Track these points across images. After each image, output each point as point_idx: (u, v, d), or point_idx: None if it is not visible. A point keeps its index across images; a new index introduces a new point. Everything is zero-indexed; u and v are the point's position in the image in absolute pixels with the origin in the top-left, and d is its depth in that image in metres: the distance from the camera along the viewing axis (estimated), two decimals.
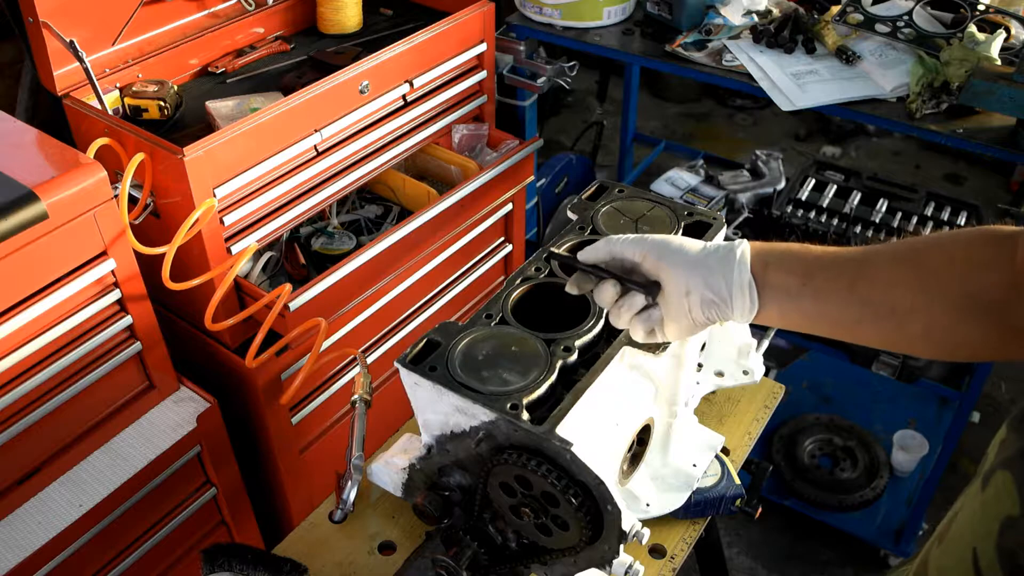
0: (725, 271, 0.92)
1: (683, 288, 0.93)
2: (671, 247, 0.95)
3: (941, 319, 0.85)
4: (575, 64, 2.35)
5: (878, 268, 0.88)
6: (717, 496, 1.28)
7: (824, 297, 0.90)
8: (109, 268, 1.46)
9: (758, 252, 0.93)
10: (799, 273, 0.91)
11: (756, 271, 0.92)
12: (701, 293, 0.93)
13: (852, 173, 2.48)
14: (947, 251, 0.86)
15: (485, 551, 1.08)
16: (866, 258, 0.89)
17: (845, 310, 0.89)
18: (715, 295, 0.92)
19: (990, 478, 0.74)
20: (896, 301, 0.87)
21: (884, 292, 0.87)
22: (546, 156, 3.25)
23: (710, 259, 0.93)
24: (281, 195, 1.73)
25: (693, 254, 0.94)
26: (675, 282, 0.94)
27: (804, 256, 0.92)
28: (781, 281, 0.91)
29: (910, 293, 0.86)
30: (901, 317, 0.87)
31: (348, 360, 1.96)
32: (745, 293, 0.92)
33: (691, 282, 0.93)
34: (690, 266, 0.93)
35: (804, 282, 0.90)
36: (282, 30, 2.13)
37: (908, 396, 2.88)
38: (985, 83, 1.77)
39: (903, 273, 0.87)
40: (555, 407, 0.98)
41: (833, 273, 0.90)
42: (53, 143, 1.46)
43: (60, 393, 1.48)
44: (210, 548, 1.17)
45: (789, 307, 0.92)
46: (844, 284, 0.89)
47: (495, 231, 2.27)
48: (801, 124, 4.37)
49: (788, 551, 2.64)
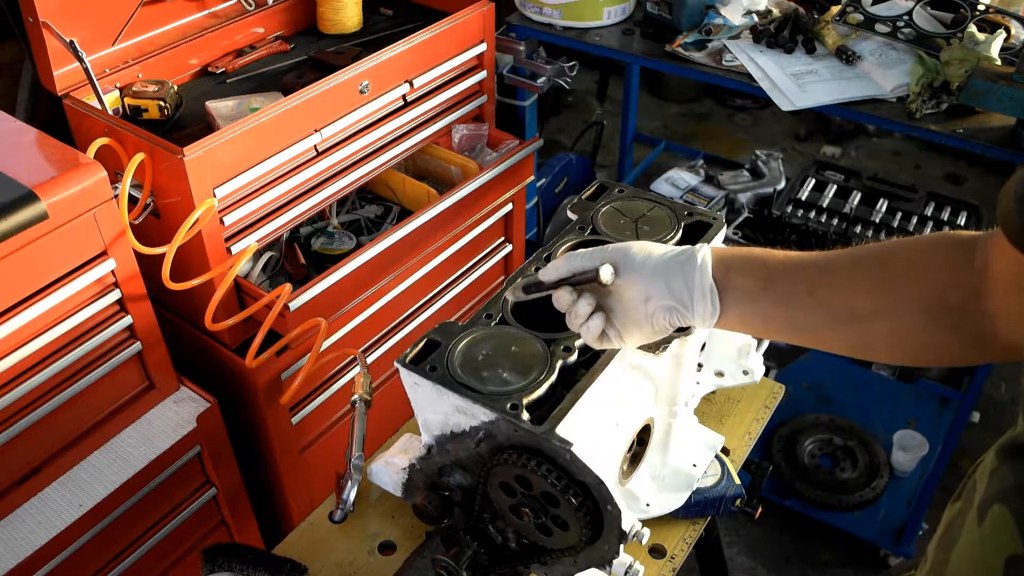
0: (686, 276, 0.91)
1: (643, 294, 0.93)
2: (630, 255, 0.94)
3: (903, 324, 0.85)
4: (575, 64, 2.35)
5: (839, 273, 0.88)
6: (717, 496, 1.28)
7: (785, 301, 0.90)
8: (109, 268, 1.46)
9: (719, 257, 0.92)
10: (761, 277, 0.90)
11: (717, 275, 0.91)
12: (662, 299, 0.92)
13: (852, 173, 2.48)
14: (908, 256, 0.86)
15: (485, 551, 1.08)
16: (828, 263, 0.89)
17: (806, 315, 0.89)
18: (676, 301, 0.92)
19: (987, 512, 0.71)
20: (857, 305, 0.87)
21: (845, 297, 0.87)
22: (546, 156, 3.25)
23: (671, 264, 0.93)
24: (281, 195, 1.73)
25: (654, 260, 0.93)
26: (636, 288, 0.93)
27: (766, 260, 0.92)
28: (742, 284, 0.91)
29: (871, 298, 0.86)
30: (862, 322, 0.87)
31: (348, 360, 1.95)
32: (707, 298, 0.91)
33: (652, 288, 0.93)
34: (651, 272, 0.93)
35: (765, 286, 0.90)
36: (282, 30, 2.13)
37: (908, 396, 2.87)
38: (985, 83, 1.77)
39: (864, 278, 0.87)
40: (555, 407, 0.98)
41: (794, 277, 0.89)
42: (53, 143, 1.46)
43: (60, 393, 1.48)
44: (210, 548, 1.17)
45: (750, 311, 0.91)
46: (805, 288, 0.88)
47: (495, 231, 2.27)
48: (801, 124, 4.37)
49: (788, 551, 2.64)
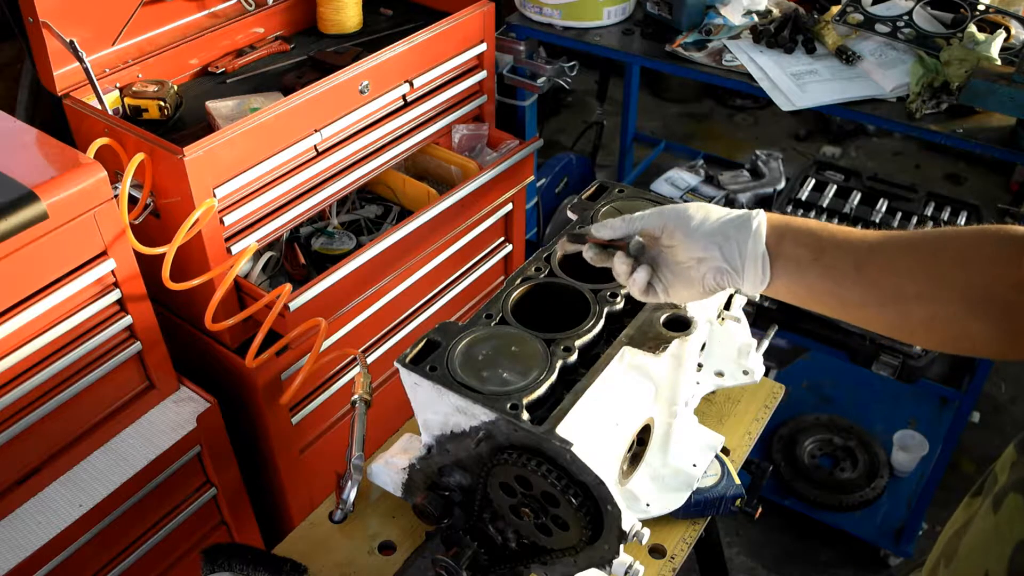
0: (740, 241, 0.94)
1: (697, 255, 0.96)
2: (687, 216, 0.97)
3: (946, 310, 0.86)
4: (575, 64, 2.35)
5: (889, 253, 0.89)
6: (717, 496, 1.28)
7: (832, 275, 0.91)
8: (109, 268, 1.46)
9: (774, 224, 0.94)
10: (812, 248, 0.92)
11: (770, 243, 0.93)
12: (715, 262, 0.95)
13: (852, 173, 2.48)
14: (959, 245, 0.87)
15: (485, 551, 1.08)
16: (879, 242, 0.90)
17: (851, 290, 0.91)
18: (728, 264, 0.94)
19: (1002, 500, 0.73)
20: (902, 287, 0.88)
21: (891, 277, 0.88)
22: (546, 156, 3.26)
23: (727, 228, 0.95)
24: (281, 195, 1.73)
25: (710, 223, 0.96)
26: (690, 250, 0.96)
27: (819, 232, 0.93)
28: (793, 254, 0.93)
29: (916, 281, 0.87)
30: (905, 303, 0.88)
31: (348, 360, 1.95)
32: (758, 265, 0.93)
33: (706, 251, 0.95)
34: (706, 235, 0.95)
35: (815, 257, 0.91)
36: (282, 30, 2.13)
37: (908, 396, 2.88)
38: (985, 83, 1.77)
39: (912, 260, 0.88)
40: (555, 407, 0.98)
41: (844, 252, 0.91)
42: (53, 143, 1.46)
43: (60, 393, 1.48)
44: (210, 548, 1.17)
45: (798, 281, 0.93)
46: (852, 264, 0.90)
47: (495, 231, 2.27)
48: (801, 124, 4.37)
49: (788, 551, 2.64)
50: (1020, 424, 2.99)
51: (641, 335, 1.07)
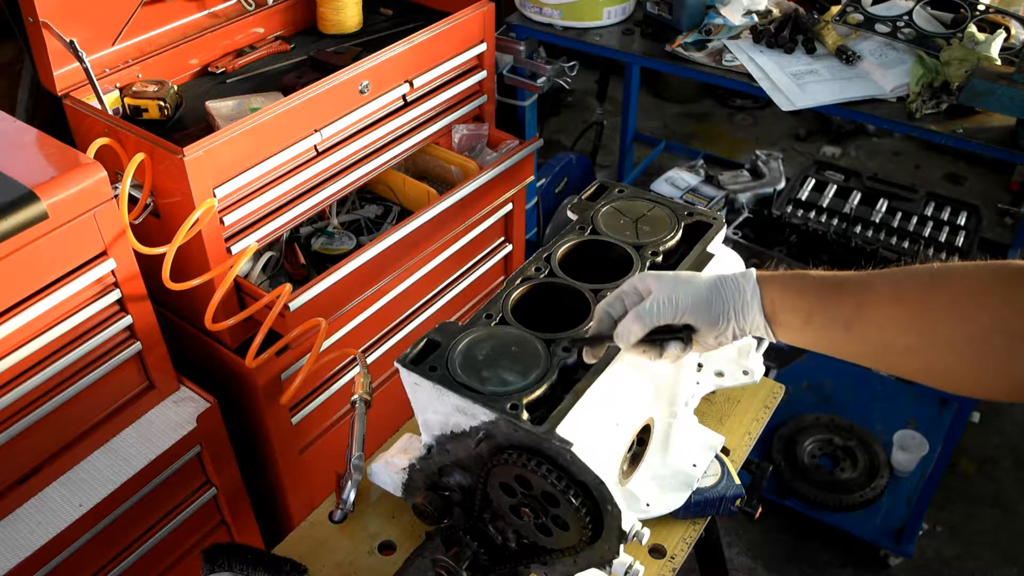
0: (745, 314, 0.97)
1: (714, 339, 1.00)
2: (699, 305, 0.98)
3: (940, 360, 0.86)
4: (575, 64, 2.35)
5: (875, 306, 0.89)
6: (717, 496, 1.28)
7: (824, 336, 0.94)
8: (109, 268, 1.46)
9: (766, 291, 0.96)
10: (801, 312, 0.95)
11: (768, 311, 0.96)
12: (729, 333, 0.99)
13: (852, 173, 2.49)
14: (955, 290, 0.85)
15: (485, 551, 1.08)
16: (866, 294, 0.90)
17: (844, 347, 0.93)
18: (740, 331, 0.99)
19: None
20: (892, 342, 0.88)
21: (880, 332, 0.89)
22: (546, 156, 3.26)
23: (733, 303, 0.97)
24: (281, 195, 1.73)
25: (716, 307, 0.98)
26: (707, 334, 1.00)
27: (804, 292, 0.95)
28: (787, 320, 0.96)
29: (905, 334, 0.87)
30: (898, 356, 0.89)
31: (348, 360, 1.95)
32: (762, 332, 0.98)
33: (720, 327, 0.99)
34: (719, 316, 0.98)
35: (806, 320, 0.94)
36: (282, 30, 2.13)
37: (908, 396, 2.88)
38: (985, 83, 1.77)
39: (900, 313, 0.88)
40: (555, 407, 0.98)
41: (831, 314, 0.92)
42: (53, 143, 1.46)
43: (60, 393, 1.48)
44: (210, 548, 1.17)
45: (797, 340, 0.97)
46: (841, 325, 0.91)
47: (495, 231, 2.27)
48: (801, 124, 4.37)
49: (788, 551, 2.64)
50: (1020, 424, 2.99)
51: None
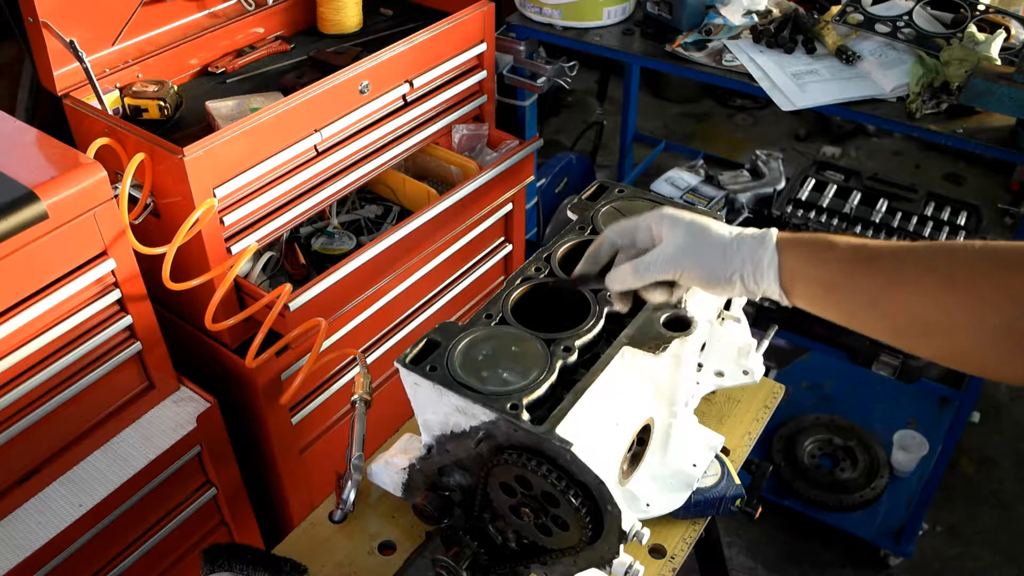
0: (757, 280, 0.93)
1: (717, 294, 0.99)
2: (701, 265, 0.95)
3: (967, 345, 0.82)
4: (575, 64, 2.35)
5: (905, 285, 0.85)
6: (717, 496, 1.28)
7: (846, 309, 0.90)
8: (109, 268, 1.46)
9: (785, 258, 0.92)
10: (823, 282, 0.91)
11: (784, 280, 0.92)
12: (736, 295, 0.98)
13: (852, 173, 2.48)
14: (985, 269, 0.81)
15: (485, 551, 1.08)
16: (897, 266, 0.86)
17: (865, 322, 0.89)
18: (750, 294, 0.96)
19: None
20: (917, 320, 0.84)
21: (908, 309, 0.84)
22: (546, 156, 3.25)
23: (743, 269, 0.94)
24: (281, 195, 1.73)
25: (722, 266, 0.95)
26: (708, 291, 0.99)
27: (828, 261, 0.90)
28: (806, 291, 0.92)
29: (933, 315, 0.83)
30: (920, 336, 0.85)
31: (348, 360, 1.95)
32: (776, 297, 0.94)
33: (725, 291, 0.97)
34: (722, 280, 0.95)
35: (827, 291, 0.90)
36: (282, 30, 2.13)
37: (908, 396, 2.87)
38: (985, 83, 1.77)
39: (928, 289, 0.83)
40: (555, 407, 0.98)
41: (857, 285, 0.88)
42: (53, 143, 1.46)
43: (60, 393, 1.48)
44: (210, 548, 1.17)
45: (815, 310, 0.94)
46: (865, 299, 0.87)
47: (495, 231, 2.27)
48: (801, 124, 4.37)
49: (788, 551, 2.64)
50: (1020, 424, 2.99)
51: (641, 335, 1.07)
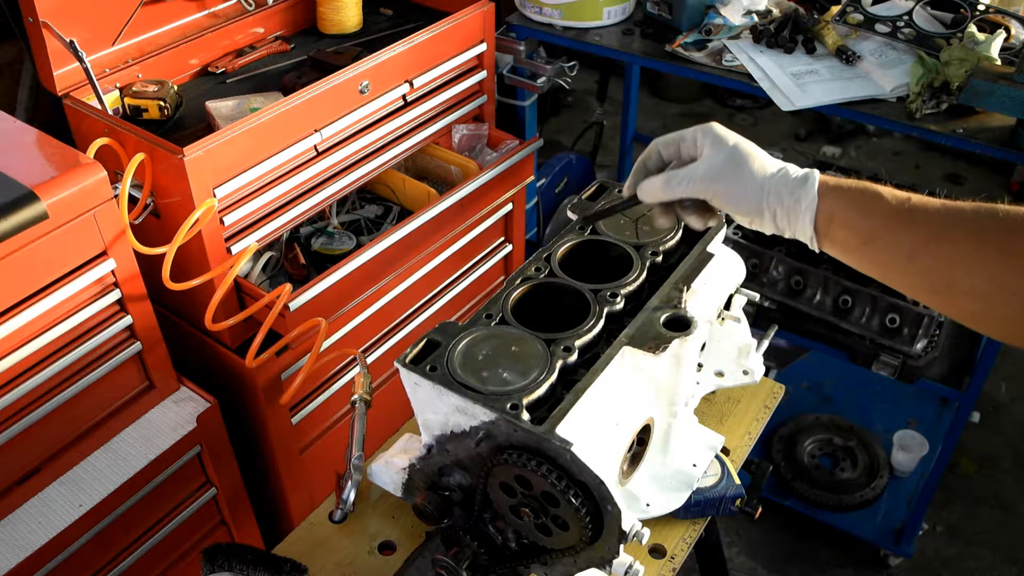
0: (791, 220, 0.92)
1: (749, 221, 0.97)
2: (736, 192, 0.95)
3: (999, 309, 0.81)
4: (575, 64, 2.35)
5: (948, 241, 0.83)
6: (717, 496, 1.28)
7: (880, 261, 0.89)
8: (109, 268, 1.46)
9: (825, 201, 0.90)
10: (863, 232, 0.89)
11: (820, 224, 0.91)
12: (767, 227, 0.96)
13: (852, 173, 2.48)
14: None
15: (485, 551, 1.08)
16: (942, 224, 0.84)
17: (900, 276, 0.88)
18: (779, 230, 0.95)
19: None
20: (957, 281, 0.83)
21: (947, 268, 0.83)
22: (546, 156, 3.25)
23: (777, 206, 0.93)
24: (281, 195, 1.73)
25: (758, 198, 0.94)
26: (742, 218, 0.98)
27: (872, 211, 0.88)
28: (840, 237, 0.90)
29: (974, 276, 0.81)
30: (958, 295, 0.83)
31: (348, 360, 1.95)
32: (807, 239, 0.93)
33: (757, 220, 0.96)
34: (755, 212, 0.95)
35: (864, 242, 0.88)
36: (282, 30, 2.13)
37: (908, 396, 2.88)
38: (985, 83, 1.77)
39: (973, 251, 0.82)
40: (555, 407, 0.98)
41: (899, 238, 0.86)
42: (53, 143, 1.46)
43: (60, 393, 1.48)
44: (210, 548, 1.17)
45: (846, 258, 0.92)
46: (906, 253, 0.86)
47: (495, 231, 2.27)
48: (801, 124, 4.37)
49: (788, 551, 2.64)
50: (1020, 424, 2.99)
51: (641, 335, 1.07)
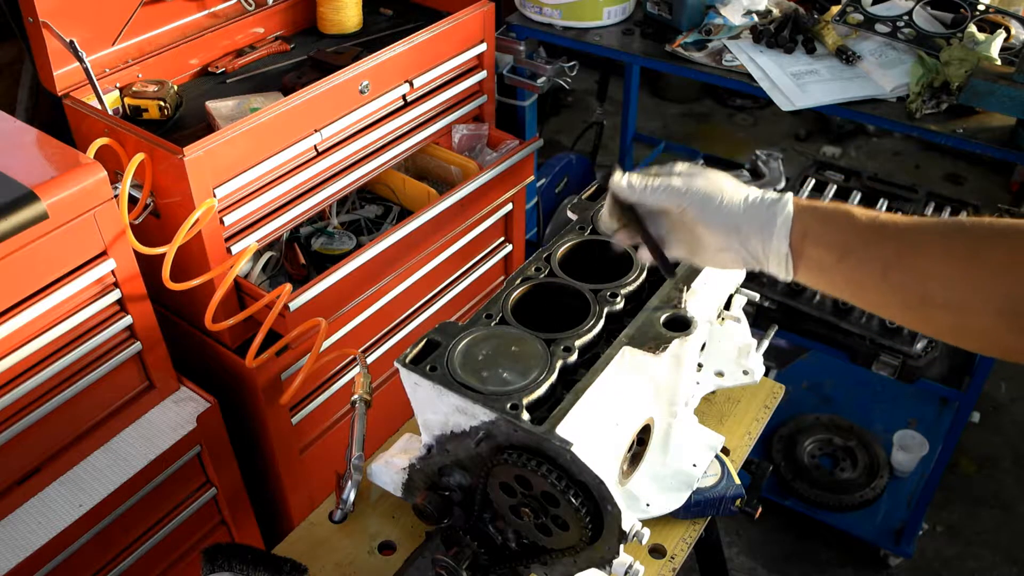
0: (764, 239, 0.91)
1: (720, 245, 0.94)
2: (711, 205, 0.93)
3: (975, 322, 0.81)
4: (575, 64, 2.35)
5: (920, 255, 0.83)
6: (717, 496, 1.28)
7: (855, 278, 0.88)
8: (109, 268, 1.46)
9: (799, 219, 0.90)
10: (836, 249, 0.88)
11: (794, 241, 0.90)
12: (738, 253, 0.93)
13: (852, 173, 2.48)
14: (1008, 247, 0.79)
15: (485, 551, 1.08)
16: (913, 239, 0.84)
17: (873, 293, 0.88)
18: (751, 257, 0.93)
19: None
20: (931, 294, 0.83)
21: (920, 282, 0.83)
22: (546, 156, 3.25)
23: (751, 224, 0.91)
24: (281, 195, 1.73)
25: (733, 214, 0.92)
26: (712, 237, 0.95)
27: (845, 228, 0.88)
28: (815, 255, 0.89)
29: (947, 289, 0.81)
30: (933, 309, 0.83)
31: (348, 360, 1.95)
32: (781, 263, 0.91)
33: (728, 242, 0.93)
34: (728, 229, 0.92)
35: (839, 259, 0.88)
36: (282, 30, 2.13)
37: (908, 396, 2.87)
38: (985, 83, 1.77)
39: (946, 265, 0.82)
40: (555, 407, 0.98)
41: (871, 253, 0.86)
42: (53, 143, 1.46)
43: (60, 393, 1.48)
44: (210, 548, 1.17)
45: (821, 280, 0.91)
46: (879, 268, 0.85)
47: (495, 231, 2.27)
48: (801, 124, 4.37)
49: (788, 551, 2.64)
50: (1020, 424, 2.99)
51: (641, 335, 1.07)
